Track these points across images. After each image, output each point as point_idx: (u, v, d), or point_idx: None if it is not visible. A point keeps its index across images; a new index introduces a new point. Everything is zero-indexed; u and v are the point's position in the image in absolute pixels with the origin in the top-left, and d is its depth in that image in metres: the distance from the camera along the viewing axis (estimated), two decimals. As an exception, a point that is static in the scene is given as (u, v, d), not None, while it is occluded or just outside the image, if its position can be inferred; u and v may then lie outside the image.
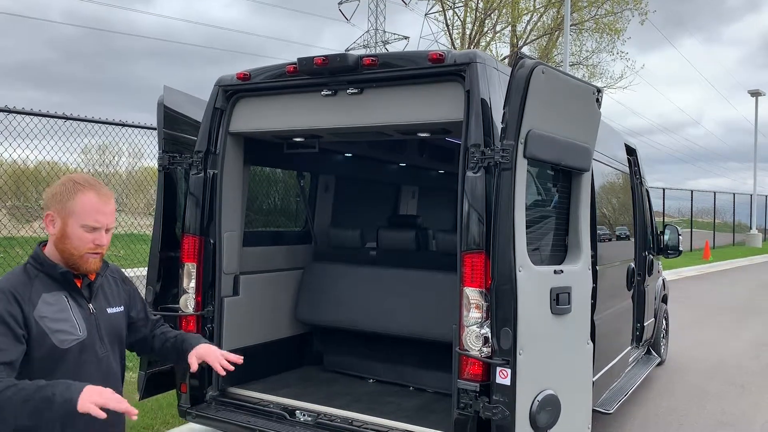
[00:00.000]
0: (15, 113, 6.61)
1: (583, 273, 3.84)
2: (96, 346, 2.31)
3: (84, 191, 2.25)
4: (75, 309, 2.27)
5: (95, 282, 2.37)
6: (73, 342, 2.23)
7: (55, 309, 2.22)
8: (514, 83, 3.23)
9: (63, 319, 2.23)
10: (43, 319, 2.18)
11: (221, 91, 4.41)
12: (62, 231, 2.24)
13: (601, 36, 28.08)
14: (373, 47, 37.20)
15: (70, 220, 2.23)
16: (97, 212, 2.24)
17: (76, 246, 2.24)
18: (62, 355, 2.21)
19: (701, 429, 5.99)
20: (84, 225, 2.23)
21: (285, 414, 4.18)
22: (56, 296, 2.25)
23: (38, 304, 2.19)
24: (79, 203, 2.23)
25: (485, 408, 3.28)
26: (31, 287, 2.22)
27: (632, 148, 6.91)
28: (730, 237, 34.91)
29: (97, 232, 2.25)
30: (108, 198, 2.29)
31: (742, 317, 12.23)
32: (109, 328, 2.40)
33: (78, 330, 2.25)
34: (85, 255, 2.26)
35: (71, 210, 2.23)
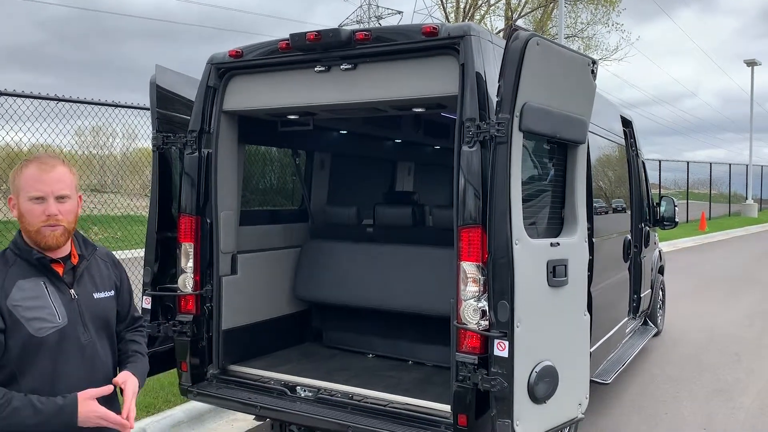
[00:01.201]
0: (6, 95, 6.55)
1: (579, 245, 3.86)
2: (78, 334, 2.23)
3: (27, 166, 2.20)
4: (54, 295, 2.20)
5: (79, 265, 2.30)
6: (50, 330, 2.16)
7: (30, 296, 2.16)
8: (509, 56, 3.21)
9: (39, 306, 2.16)
10: (16, 307, 2.13)
11: (214, 69, 4.37)
12: (19, 211, 2.21)
13: (596, 7, 27.87)
14: (366, 22, 36.82)
15: (20, 197, 2.19)
16: (38, 181, 2.17)
17: (30, 222, 2.19)
18: (40, 344, 2.15)
19: (697, 397, 6.08)
20: (30, 198, 2.17)
21: (286, 390, 4.22)
22: (33, 282, 2.18)
23: (12, 291, 2.14)
24: (23, 179, 2.19)
25: (484, 380, 3.31)
26: (6, 274, 2.17)
27: (628, 120, 6.89)
28: (726, 208, 35.01)
29: (43, 203, 2.17)
30: (49, 167, 2.20)
31: (738, 287, 12.33)
32: (95, 313, 2.31)
33: (57, 317, 2.18)
34: (41, 229, 2.18)
35: (19, 187, 2.19)
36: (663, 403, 5.92)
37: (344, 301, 5.13)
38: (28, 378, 2.14)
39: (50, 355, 2.16)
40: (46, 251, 2.22)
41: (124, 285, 2.54)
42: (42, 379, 2.15)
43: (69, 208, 2.23)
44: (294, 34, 4.01)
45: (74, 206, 2.26)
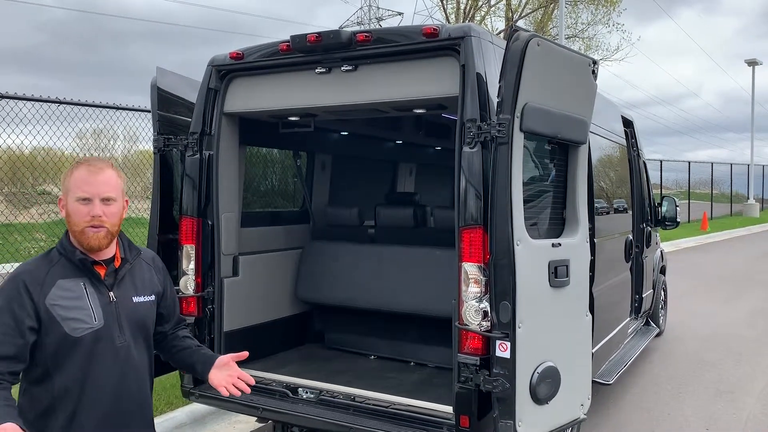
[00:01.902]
0: (8, 98, 6.56)
1: (581, 246, 3.85)
2: (114, 336, 2.27)
3: (77, 168, 2.27)
4: (93, 297, 2.24)
5: (121, 268, 2.34)
6: (86, 331, 2.20)
7: (69, 296, 2.20)
8: (510, 56, 3.20)
9: (77, 306, 2.20)
10: (54, 306, 2.17)
11: (214, 71, 4.37)
12: (66, 211, 2.27)
13: (596, 8, 27.85)
14: (367, 24, 36.83)
15: (68, 198, 2.25)
16: (85, 183, 2.23)
17: (75, 222, 2.24)
18: (74, 343, 2.19)
19: (699, 397, 6.07)
20: (77, 198, 2.23)
21: (288, 392, 4.21)
22: (74, 282, 2.23)
23: (51, 290, 2.18)
24: (71, 180, 2.25)
25: (486, 381, 3.31)
26: (47, 273, 2.21)
27: (629, 120, 6.89)
28: (727, 207, 34.97)
29: (89, 204, 2.22)
30: (98, 169, 2.26)
31: (740, 287, 12.31)
32: (133, 316, 2.34)
33: (93, 318, 2.22)
34: (85, 229, 2.23)
35: (67, 188, 2.26)
36: (665, 403, 5.91)
37: (346, 303, 5.13)
38: (61, 376, 2.19)
39: (84, 355, 2.20)
40: (89, 252, 2.27)
41: (168, 288, 2.58)
42: (74, 378, 2.20)
43: (114, 210, 2.28)
44: (295, 36, 4.01)
45: (119, 209, 2.31)
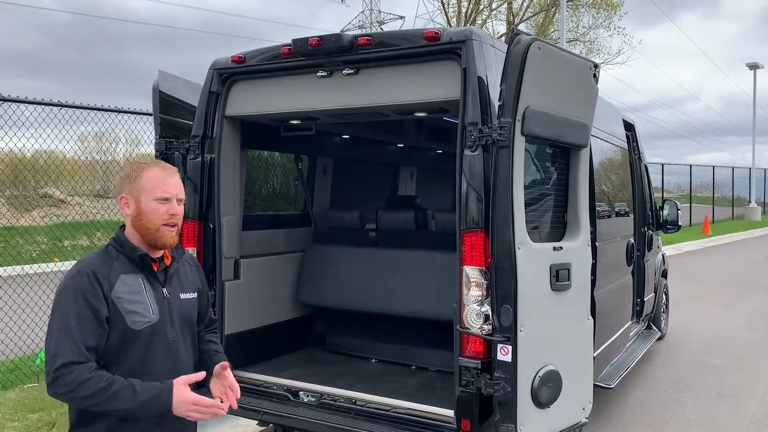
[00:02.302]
0: (10, 102, 6.57)
1: (582, 249, 3.85)
2: (167, 330, 2.36)
3: (149, 168, 2.36)
4: (149, 292, 2.33)
5: (171, 266, 2.43)
6: (144, 324, 2.28)
7: (131, 290, 2.29)
8: (511, 60, 3.21)
9: (138, 301, 2.29)
10: (119, 299, 2.25)
11: (216, 74, 4.38)
12: (137, 209, 2.32)
13: (597, 12, 27.91)
14: (368, 27, 36.89)
15: (142, 196, 2.32)
16: (164, 183, 2.33)
17: (152, 219, 2.31)
18: (134, 337, 2.27)
19: (702, 401, 6.05)
20: (156, 197, 2.31)
21: (289, 395, 4.21)
22: (133, 278, 2.31)
23: (116, 284, 2.26)
24: (146, 179, 2.33)
25: (487, 385, 3.30)
26: (110, 267, 2.28)
27: (630, 124, 6.89)
28: (729, 211, 34.94)
29: (168, 203, 2.33)
30: (173, 171, 2.40)
31: (742, 290, 12.29)
32: (181, 313, 2.44)
33: (151, 313, 2.31)
34: (161, 228, 2.32)
35: (141, 186, 2.32)
36: (667, 407, 5.89)
37: (347, 306, 5.13)
38: (119, 368, 2.24)
39: (141, 347, 2.28)
40: (155, 250, 2.37)
41: (204, 288, 2.67)
42: (131, 371, 2.25)
43: (182, 211, 2.41)
44: (296, 40, 4.02)
45: (182, 212, 2.43)
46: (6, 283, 7.83)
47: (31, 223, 15.72)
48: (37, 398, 5.70)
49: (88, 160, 18.08)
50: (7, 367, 6.53)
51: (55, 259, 13.29)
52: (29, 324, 7.24)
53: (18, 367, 6.54)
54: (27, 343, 7.05)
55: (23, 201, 17.69)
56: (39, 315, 7.45)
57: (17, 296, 7.39)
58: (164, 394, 2.18)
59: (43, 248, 15.58)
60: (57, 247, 15.33)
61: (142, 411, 2.18)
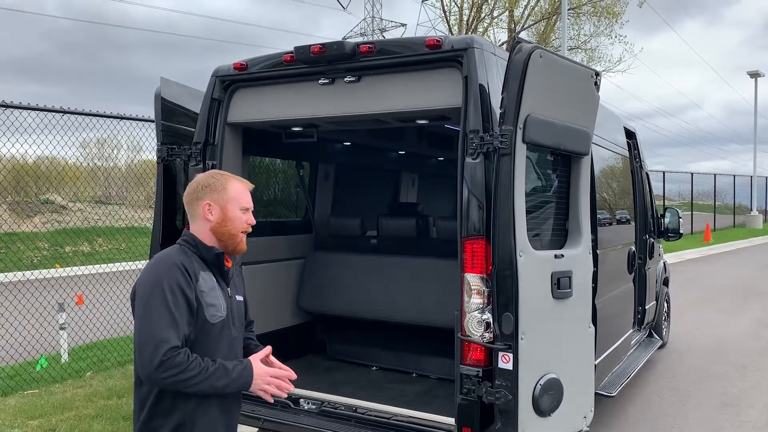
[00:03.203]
0: (12, 108, 6.59)
1: (583, 257, 3.85)
2: (231, 327, 2.54)
3: (232, 180, 2.57)
4: (219, 290, 2.51)
5: (231, 270, 2.61)
6: (218, 318, 2.46)
7: (209, 286, 2.46)
8: (512, 68, 3.22)
9: (214, 296, 2.47)
10: (201, 293, 2.42)
11: (218, 81, 4.40)
12: (223, 216, 2.50)
13: (598, 20, 27.94)
14: (370, 35, 37.01)
15: (230, 205, 2.51)
16: (246, 195, 2.56)
17: (236, 226, 2.52)
18: (209, 330, 2.43)
19: (703, 410, 6.03)
20: (242, 207, 2.53)
21: (289, 402, 4.20)
22: (209, 276, 2.48)
23: (199, 279, 2.43)
24: (232, 190, 2.53)
25: (488, 393, 3.29)
26: (192, 264, 2.45)
27: (631, 132, 6.90)
28: (730, 219, 34.91)
29: (248, 213, 2.56)
30: (250, 185, 2.62)
31: (743, 299, 12.27)
32: (237, 312, 2.62)
33: (222, 309, 2.49)
34: (239, 234, 2.54)
35: (229, 197, 2.51)
36: (669, 415, 5.87)
37: (348, 313, 5.12)
38: None
39: (213, 340, 2.44)
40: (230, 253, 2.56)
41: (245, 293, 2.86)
42: None
43: None
44: (298, 47, 4.03)
45: None
46: (7, 289, 7.83)
47: (33, 229, 15.74)
48: (36, 405, 5.69)
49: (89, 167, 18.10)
50: (7, 374, 6.52)
51: (56, 265, 13.29)
52: (30, 330, 7.24)
53: (18, 374, 6.53)
54: (27, 349, 7.04)
55: (25, 207, 17.71)
56: (39, 321, 7.45)
57: (18, 302, 7.39)
58: (247, 369, 2.40)
59: (45, 254, 15.59)
60: (58, 253, 15.34)
61: (233, 386, 2.37)
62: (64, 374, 6.57)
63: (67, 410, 5.52)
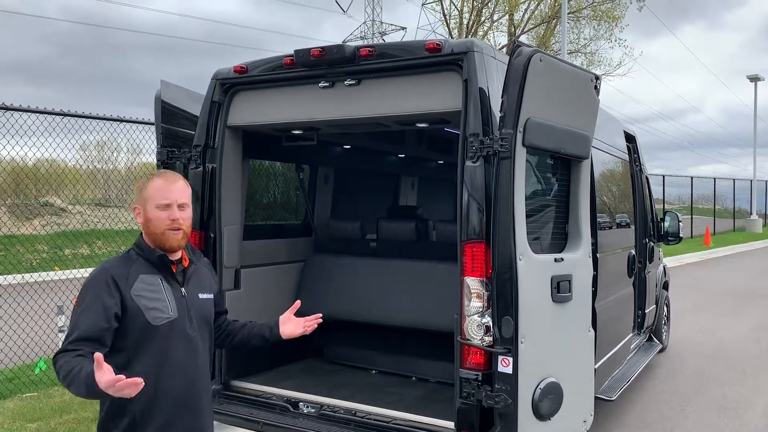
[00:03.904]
0: (12, 110, 6.59)
1: (583, 261, 3.85)
2: (186, 327, 2.55)
3: (153, 180, 2.59)
4: (168, 291, 2.52)
5: (189, 268, 2.64)
6: (164, 320, 2.47)
7: (151, 289, 2.48)
8: (512, 71, 3.22)
9: (156, 298, 2.48)
10: (138, 297, 2.45)
11: (218, 84, 4.40)
12: (145, 217, 2.55)
13: (598, 23, 27.97)
14: (370, 38, 37.06)
15: (148, 205, 2.54)
16: (164, 191, 2.54)
17: (156, 225, 2.53)
18: (154, 332, 2.45)
19: (703, 413, 6.02)
20: (157, 205, 2.53)
21: (288, 406, 4.19)
22: (153, 278, 2.51)
23: (135, 283, 2.46)
24: (150, 190, 2.55)
25: (488, 396, 3.29)
26: (130, 268, 2.49)
27: (631, 135, 6.90)
28: (730, 223, 34.91)
29: (168, 209, 2.53)
30: (172, 179, 2.59)
31: (743, 303, 12.26)
32: (199, 311, 2.63)
33: (169, 310, 2.49)
34: (165, 232, 2.52)
35: (146, 197, 2.55)
36: (669, 419, 5.86)
37: (347, 316, 5.11)
38: (141, 362, 2.43)
39: (161, 342, 2.47)
40: (171, 253, 2.57)
41: (218, 288, 2.91)
42: (152, 363, 2.45)
43: (187, 215, 2.59)
44: (298, 51, 4.03)
45: (190, 214, 2.62)
46: (6, 292, 7.82)
47: (32, 232, 15.74)
48: (35, 407, 5.68)
49: (89, 169, 18.10)
50: (6, 376, 6.51)
51: (55, 268, 13.28)
52: (29, 333, 7.23)
53: (17, 376, 6.52)
54: (26, 352, 7.03)
55: (24, 209, 17.70)
56: (39, 324, 7.44)
57: (17, 305, 7.38)
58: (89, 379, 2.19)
59: (44, 257, 15.58)
60: (57, 255, 15.32)
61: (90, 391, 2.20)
62: (63, 377, 6.56)
63: (65, 413, 5.51)
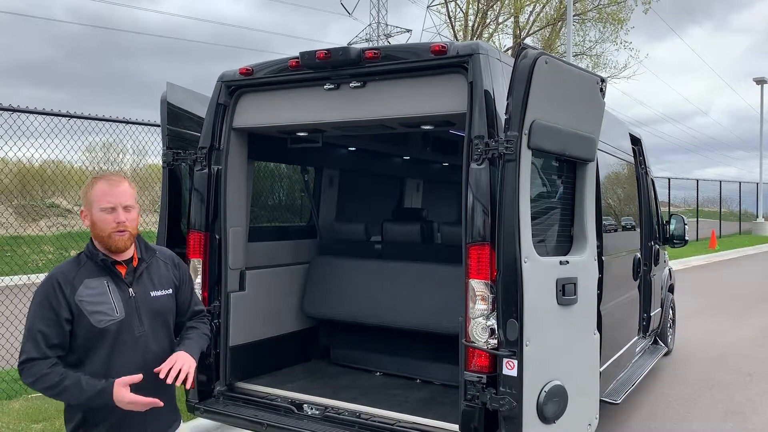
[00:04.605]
0: (19, 112, 6.62)
1: (588, 263, 3.84)
2: (133, 327, 2.58)
3: (96, 182, 2.59)
4: (114, 293, 2.57)
5: (138, 267, 2.66)
6: (109, 322, 2.52)
7: (94, 293, 2.53)
8: (518, 74, 3.22)
9: (101, 302, 2.53)
10: (81, 302, 2.50)
11: (224, 86, 4.41)
12: (91, 220, 2.57)
13: (604, 26, 27.96)
14: (375, 41, 37.10)
15: (93, 208, 2.56)
16: (108, 195, 2.55)
17: (102, 228, 2.55)
18: (100, 334, 2.51)
19: (709, 418, 5.99)
20: (102, 208, 2.54)
21: (293, 408, 4.19)
22: (98, 281, 2.56)
23: (79, 288, 2.52)
24: (94, 193, 2.56)
25: (492, 399, 3.28)
26: (76, 273, 2.55)
27: (637, 138, 6.88)
28: (736, 226, 34.75)
29: (113, 212, 2.54)
30: (116, 181, 2.59)
31: (749, 306, 12.20)
32: (151, 309, 2.65)
33: (115, 311, 2.54)
34: (111, 234, 2.55)
35: (91, 200, 2.56)
36: (675, 423, 5.84)
37: (352, 318, 5.11)
38: (90, 363, 2.53)
39: (108, 343, 2.53)
40: (114, 254, 2.60)
41: (185, 283, 2.88)
42: (100, 364, 2.53)
43: (133, 216, 2.61)
44: (304, 53, 4.04)
45: (137, 215, 2.64)
46: (12, 293, 7.86)
47: (38, 233, 15.78)
48: (41, 408, 5.70)
49: (95, 171, 18.17)
50: (11, 377, 6.53)
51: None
52: (34, 333, 7.25)
53: (22, 377, 6.54)
54: (32, 352, 7.05)
55: (30, 210, 17.78)
56: (44, 324, 7.46)
57: (23, 305, 7.41)
58: (106, 391, 2.44)
59: (50, 257, 15.63)
60: (63, 256, 15.38)
61: (89, 404, 2.48)
62: (68, 378, 6.58)
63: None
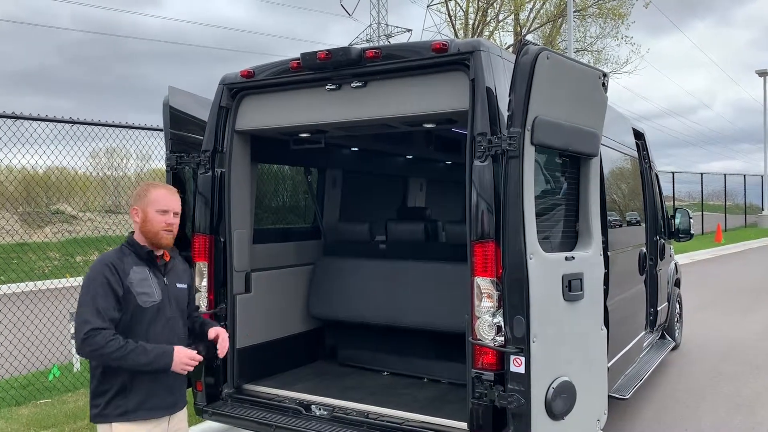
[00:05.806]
0: (23, 119, 6.64)
1: (594, 259, 3.83)
2: (167, 310, 3.08)
3: (158, 188, 3.14)
4: (154, 280, 3.06)
5: (169, 262, 3.18)
6: (151, 303, 3.01)
7: (140, 278, 3.02)
8: (519, 70, 3.21)
9: (146, 285, 3.02)
10: (132, 284, 2.98)
11: (226, 89, 4.42)
12: (144, 217, 3.06)
13: (605, 21, 27.89)
14: (376, 41, 37.09)
15: (149, 208, 3.06)
16: (166, 199, 3.10)
17: (154, 225, 3.05)
18: (143, 313, 2.99)
19: (717, 411, 5.98)
20: (158, 210, 3.06)
21: (301, 409, 4.20)
22: (141, 269, 3.04)
23: (129, 273, 2.99)
24: (154, 196, 3.09)
25: (500, 397, 3.28)
26: (124, 261, 3.01)
27: (640, 132, 6.87)
28: (741, 219, 34.65)
29: (166, 215, 3.07)
30: (173, 191, 3.17)
31: (756, 299, 12.16)
32: (177, 297, 3.17)
33: (155, 295, 3.04)
34: (160, 232, 3.06)
35: (149, 201, 3.07)
36: (683, 418, 5.82)
37: (358, 319, 5.11)
38: (132, 336, 2.92)
39: (147, 321, 3.00)
40: (155, 249, 3.09)
41: (193, 281, 3.51)
42: (139, 338, 2.93)
43: (177, 221, 3.15)
44: (305, 54, 4.05)
45: (178, 222, 3.16)
46: (19, 299, 7.88)
47: (44, 240, 15.85)
48: (50, 414, 5.71)
49: (99, 176, 18.23)
50: (20, 383, 6.55)
51: (66, 275, 13.37)
52: (42, 340, 7.27)
53: (31, 383, 6.56)
54: (40, 359, 7.08)
55: (36, 217, 17.83)
56: (51, 331, 7.49)
57: (30, 312, 7.44)
58: (168, 351, 2.93)
59: (56, 264, 15.68)
60: (69, 263, 15.43)
61: (154, 365, 2.89)
62: (77, 383, 6.59)
63: (79, 419, 5.53)
